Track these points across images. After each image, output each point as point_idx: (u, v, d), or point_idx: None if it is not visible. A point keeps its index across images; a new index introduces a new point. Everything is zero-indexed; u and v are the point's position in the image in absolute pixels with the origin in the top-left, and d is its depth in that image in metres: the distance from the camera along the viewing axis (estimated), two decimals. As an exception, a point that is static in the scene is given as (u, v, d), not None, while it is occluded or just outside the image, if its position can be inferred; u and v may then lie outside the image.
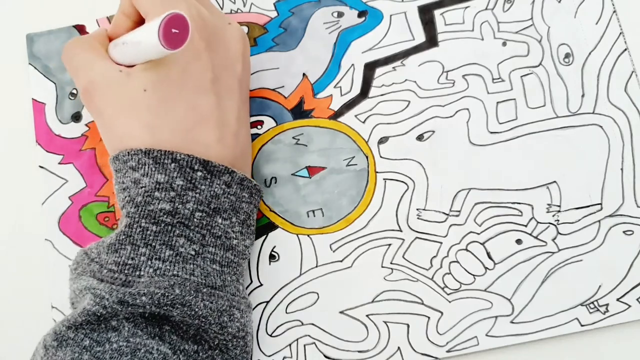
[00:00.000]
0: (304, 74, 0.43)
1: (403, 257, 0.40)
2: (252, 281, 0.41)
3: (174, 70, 0.37)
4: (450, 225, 0.40)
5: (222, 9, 0.45)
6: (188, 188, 0.36)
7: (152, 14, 0.38)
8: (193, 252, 0.36)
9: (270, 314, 0.40)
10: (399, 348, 0.39)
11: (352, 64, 0.43)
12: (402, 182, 0.41)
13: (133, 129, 0.37)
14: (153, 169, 0.36)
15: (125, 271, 0.35)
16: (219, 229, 0.37)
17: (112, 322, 0.34)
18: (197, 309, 0.35)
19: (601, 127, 0.41)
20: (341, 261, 0.40)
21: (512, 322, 0.39)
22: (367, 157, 0.42)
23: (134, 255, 0.35)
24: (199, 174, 0.36)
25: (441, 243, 0.40)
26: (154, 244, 0.36)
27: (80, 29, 0.45)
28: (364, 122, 0.42)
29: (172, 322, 0.35)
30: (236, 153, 0.39)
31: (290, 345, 0.40)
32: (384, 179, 0.41)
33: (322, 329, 0.40)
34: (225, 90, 0.39)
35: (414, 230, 0.40)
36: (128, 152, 0.37)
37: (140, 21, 0.40)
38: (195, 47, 0.37)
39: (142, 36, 0.35)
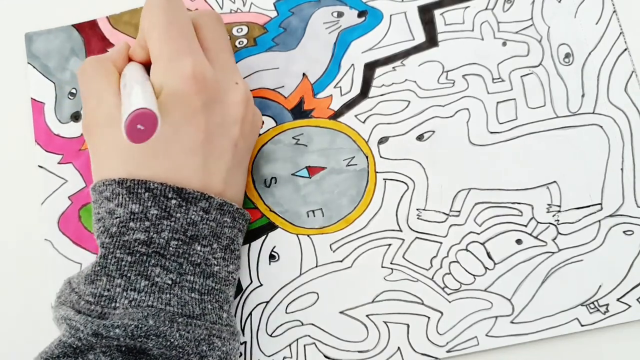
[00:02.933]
0: (304, 74, 0.43)
1: (403, 257, 0.40)
2: (252, 281, 0.41)
3: (166, 127, 0.36)
4: (450, 225, 0.40)
5: (221, 8, 0.45)
6: (163, 217, 0.36)
7: (157, 64, 0.38)
8: (170, 282, 0.36)
9: (270, 314, 0.40)
10: (399, 348, 0.39)
11: (352, 64, 0.43)
12: (402, 182, 0.41)
13: (117, 175, 0.37)
14: (127, 198, 0.36)
15: (102, 303, 0.35)
16: (197, 256, 0.36)
17: (89, 355, 0.34)
18: (172, 339, 0.34)
19: (601, 127, 0.41)
20: (341, 261, 0.40)
21: (512, 322, 0.39)
22: (367, 157, 0.42)
23: (109, 286, 0.35)
24: (173, 202, 0.36)
25: (441, 243, 0.40)
26: (129, 274, 0.35)
27: (79, 29, 0.45)
28: (364, 122, 0.42)
29: (150, 355, 0.35)
30: None
31: (290, 345, 0.40)
32: (384, 179, 0.41)
33: (322, 329, 0.40)
34: (215, 152, 0.38)
35: (414, 230, 0.40)
36: (103, 183, 0.37)
37: None
38: (192, 107, 0.37)
39: (123, 105, 0.35)
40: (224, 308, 0.37)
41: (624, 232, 0.39)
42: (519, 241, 0.40)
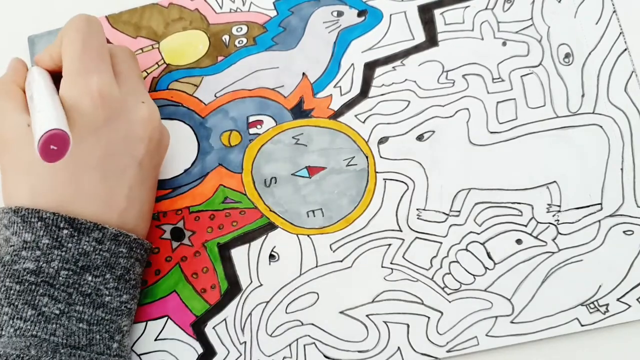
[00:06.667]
0: (303, 74, 0.43)
1: (403, 257, 0.40)
2: (252, 281, 0.41)
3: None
4: (450, 225, 0.40)
5: (221, 8, 0.45)
6: (54, 246, 0.36)
7: (66, 79, 0.38)
8: (57, 312, 0.36)
9: (270, 314, 0.40)
10: (399, 348, 0.39)
11: (352, 64, 0.43)
12: (402, 182, 0.41)
13: (18, 190, 0.37)
14: (21, 227, 0.36)
15: None
16: (88, 286, 0.37)
17: None
18: None
19: (601, 127, 0.41)
20: (341, 261, 0.40)
21: (512, 322, 0.39)
22: (367, 157, 0.42)
23: None
24: (65, 232, 0.36)
25: (441, 243, 0.40)
26: (16, 303, 0.35)
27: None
28: (364, 122, 0.42)
29: None
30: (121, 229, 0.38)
31: (290, 345, 0.40)
32: (384, 179, 0.41)
33: (322, 329, 0.40)
34: (117, 168, 0.38)
35: (414, 230, 0.40)
36: (2, 210, 0.37)
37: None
38: (94, 122, 0.37)
39: (34, 121, 0.35)
40: (115, 338, 0.38)
41: (624, 232, 0.39)
42: (519, 241, 0.40)
